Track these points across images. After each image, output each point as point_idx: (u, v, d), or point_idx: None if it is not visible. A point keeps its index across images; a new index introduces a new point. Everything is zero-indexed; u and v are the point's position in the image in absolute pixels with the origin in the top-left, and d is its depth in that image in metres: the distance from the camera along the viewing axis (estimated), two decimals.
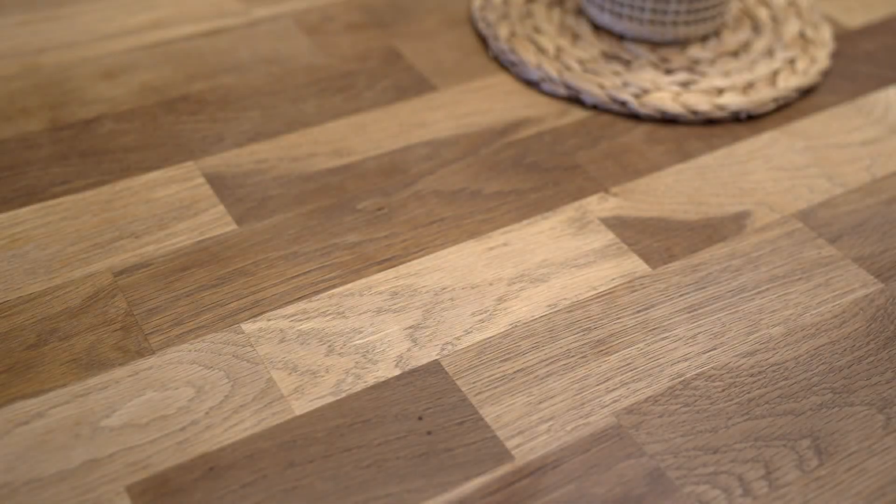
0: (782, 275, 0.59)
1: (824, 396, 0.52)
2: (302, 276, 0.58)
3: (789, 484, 0.48)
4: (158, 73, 0.75)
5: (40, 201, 0.63)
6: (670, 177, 0.67)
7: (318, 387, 0.52)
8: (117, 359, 0.53)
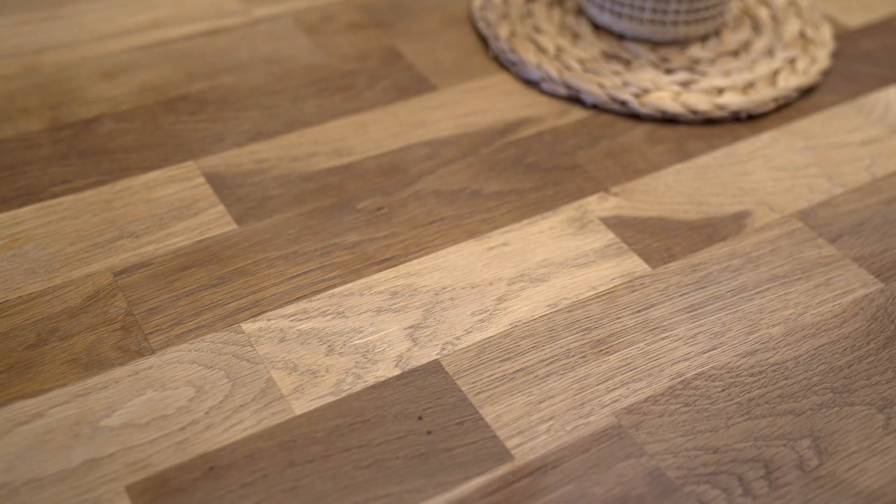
0: (782, 274, 0.59)
1: (824, 396, 0.52)
2: (302, 275, 0.58)
3: (789, 484, 0.48)
4: (158, 73, 0.75)
5: (40, 201, 0.63)
6: (670, 176, 0.67)
7: (317, 387, 0.52)
8: (117, 359, 0.53)
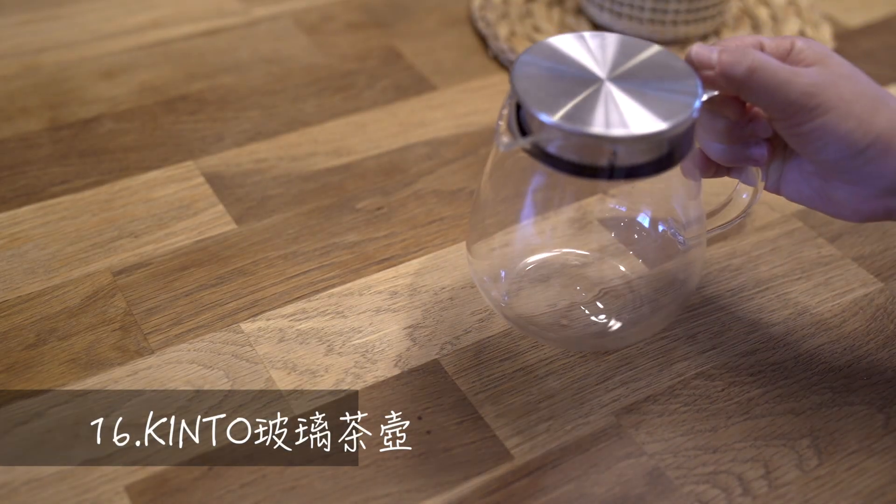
0: (782, 274, 0.59)
1: (824, 396, 0.52)
2: (301, 275, 0.58)
3: (789, 483, 0.48)
4: (158, 73, 0.75)
5: (39, 201, 0.63)
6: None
7: (317, 387, 0.52)
8: (116, 358, 0.53)
